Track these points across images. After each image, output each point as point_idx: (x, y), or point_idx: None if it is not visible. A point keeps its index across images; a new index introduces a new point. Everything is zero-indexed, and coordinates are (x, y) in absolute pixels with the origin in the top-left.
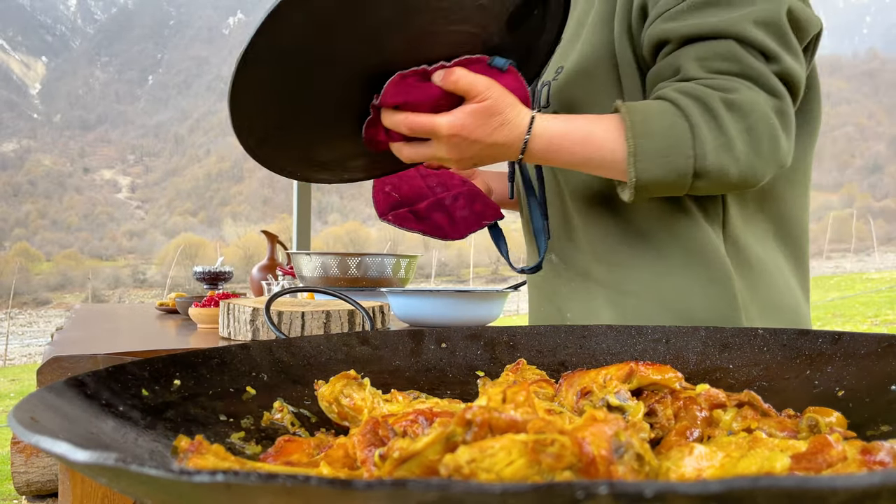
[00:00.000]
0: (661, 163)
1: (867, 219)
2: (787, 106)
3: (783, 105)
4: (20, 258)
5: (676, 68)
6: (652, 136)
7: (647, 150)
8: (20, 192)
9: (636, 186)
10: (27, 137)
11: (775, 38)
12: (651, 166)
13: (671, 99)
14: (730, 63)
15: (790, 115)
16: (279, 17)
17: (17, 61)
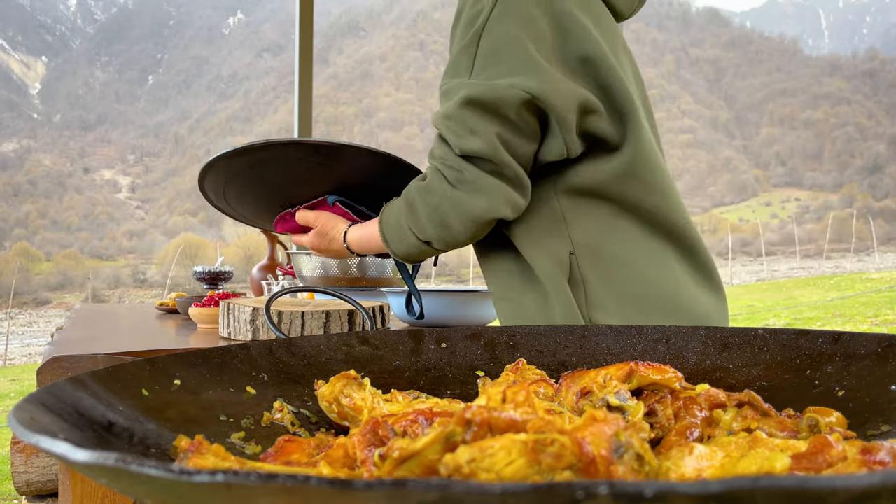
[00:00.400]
0: (400, 239)
1: (867, 219)
2: (471, 173)
3: (464, 175)
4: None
5: None
6: (389, 225)
7: (391, 236)
8: (20, 191)
9: (399, 255)
10: (27, 137)
11: (455, 125)
12: (398, 245)
13: (402, 195)
14: (433, 151)
15: (477, 179)
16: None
17: (16, 61)
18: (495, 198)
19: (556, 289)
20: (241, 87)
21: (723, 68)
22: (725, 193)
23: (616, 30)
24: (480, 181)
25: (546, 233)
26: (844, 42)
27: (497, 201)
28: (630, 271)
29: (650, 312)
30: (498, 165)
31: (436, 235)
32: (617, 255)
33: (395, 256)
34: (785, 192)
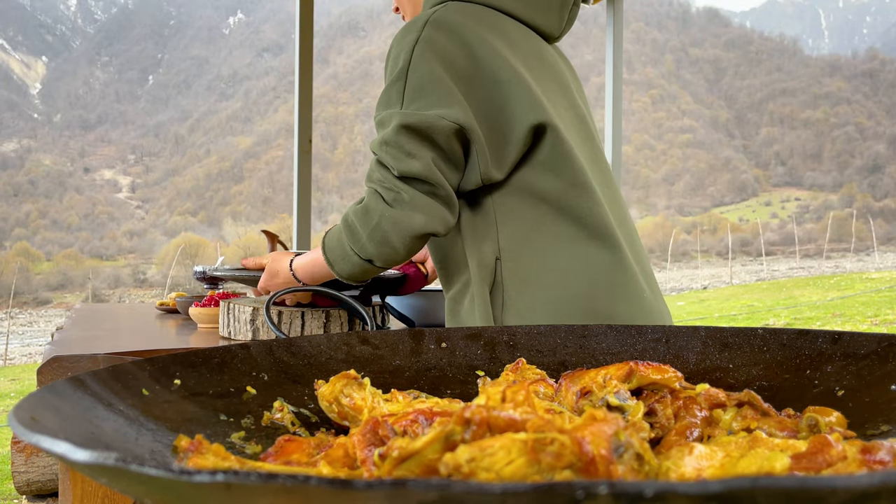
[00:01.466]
0: (343, 260)
1: (867, 218)
2: (409, 193)
3: (402, 195)
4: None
5: None
6: (331, 248)
7: (335, 258)
8: (20, 191)
9: (345, 278)
10: (27, 137)
11: (393, 150)
12: (342, 266)
13: (342, 217)
14: (370, 175)
15: (413, 199)
16: None
17: (17, 61)
18: (431, 215)
19: (479, 292)
20: (242, 86)
21: (723, 68)
22: (725, 193)
23: (540, 51)
24: (417, 200)
25: (480, 237)
26: (844, 42)
27: (432, 218)
28: (549, 277)
29: (563, 319)
30: (433, 186)
31: (376, 253)
32: (538, 260)
33: (340, 277)
34: (785, 191)
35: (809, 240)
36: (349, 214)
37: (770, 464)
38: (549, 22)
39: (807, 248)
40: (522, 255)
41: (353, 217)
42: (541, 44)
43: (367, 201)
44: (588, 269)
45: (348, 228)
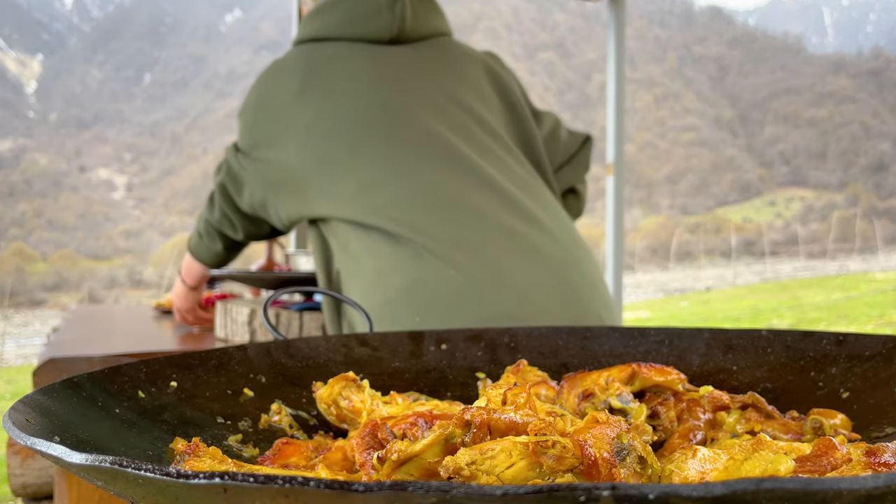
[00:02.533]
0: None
1: (872, 218)
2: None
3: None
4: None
5: None
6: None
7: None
8: (16, 191)
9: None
10: (23, 136)
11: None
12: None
13: None
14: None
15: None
16: None
17: (12, 59)
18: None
19: (326, 304)
20: (239, 84)
21: (726, 66)
22: (729, 192)
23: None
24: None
25: (322, 257)
26: (849, 40)
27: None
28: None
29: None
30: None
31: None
32: (351, 265)
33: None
34: (789, 191)
35: (814, 240)
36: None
37: (774, 466)
38: (380, 26)
39: (811, 248)
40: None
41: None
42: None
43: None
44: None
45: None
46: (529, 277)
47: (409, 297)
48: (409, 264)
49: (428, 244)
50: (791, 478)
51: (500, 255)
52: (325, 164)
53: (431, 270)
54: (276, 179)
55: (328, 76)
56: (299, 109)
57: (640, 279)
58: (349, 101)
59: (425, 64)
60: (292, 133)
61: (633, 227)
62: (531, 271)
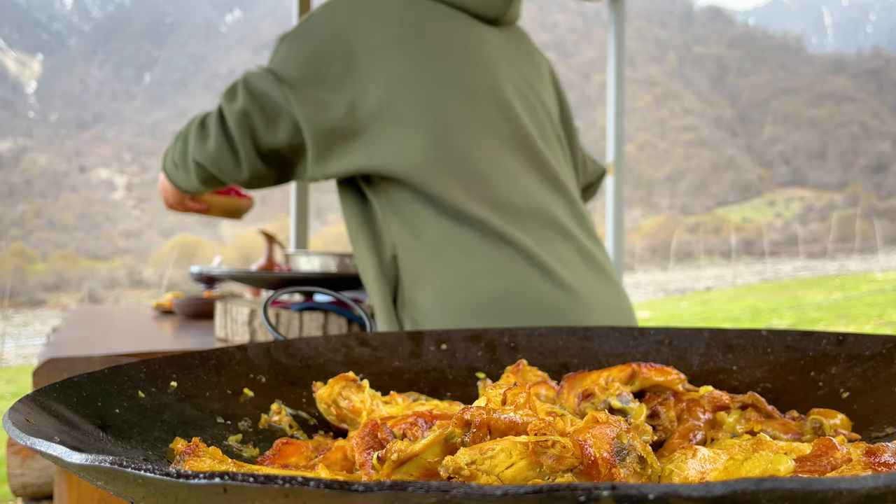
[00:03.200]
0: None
1: (871, 218)
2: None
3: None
4: (16, 258)
5: None
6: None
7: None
8: (16, 191)
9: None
10: (23, 136)
11: (226, 95)
12: (168, 164)
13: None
14: None
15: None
16: None
17: (12, 59)
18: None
19: (376, 292)
20: None
21: (726, 66)
22: (729, 192)
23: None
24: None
25: (370, 236)
26: (848, 40)
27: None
28: (438, 269)
29: (457, 311)
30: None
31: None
32: (426, 254)
33: (177, 186)
34: (789, 191)
35: (814, 240)
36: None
37: (774, 466)
38: (489, 4)
39: (811, 248)
40: (414, 250)
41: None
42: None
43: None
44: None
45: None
46: (603, 298)
47: (501, 306)
48: (505, 269)
49: (526, 251)
50: (791, 478)
51: (584, 275)
52: (417, 129)
53: (527, 280)
54: (336, 127)
55: (432, 35)
56: (394, 59)
57: (639, 279)
58: (454, 69)
59: (513, 52)
60: (377, 82)
61: (632, 227)
62: (604, 293)
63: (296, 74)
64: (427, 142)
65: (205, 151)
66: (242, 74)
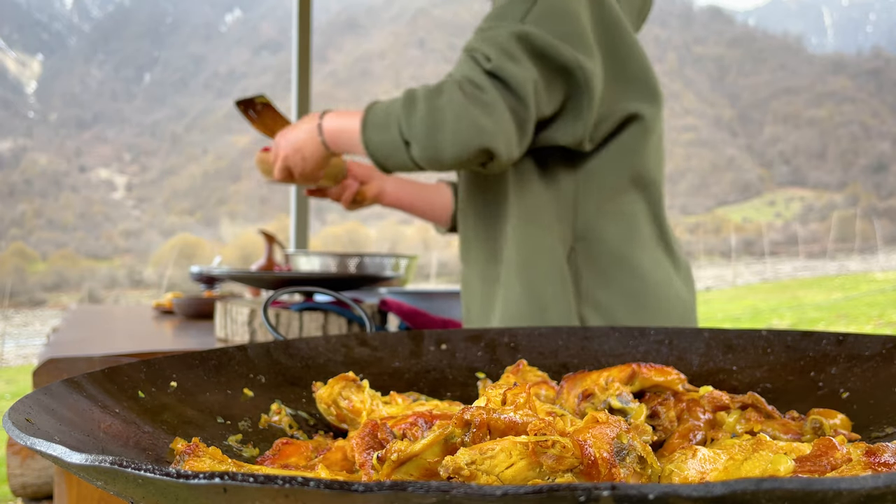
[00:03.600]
0: (380, 129)
1: (871, 218)
2: (491, 95)
3: (484, 95)
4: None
5: None
6: (377, 112)
7: (373, 121)
8: (16, 191)
9: (369, 150)
10: (23, 136)
11: (500, 48)
12: (375, 133)
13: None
14: (452, 73)
15: (494, 103)
16: None
17: (12, 59)
18: (500, 127)
19: (550, 281)
20: (239, 84)
21: (726, 66)
22: (729, 192)
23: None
24: (496, 105)
25: (553, 220)
26: (848, 40)
27: (499, 132)
28: (623, 265)
29: (640, 309)
30: (520, 102)
31: (421, 136)
32: (613, 248)
33: (364, 146)
34: (789, 191)
35: (814, 240)
36: (416, 89)
37: (774, 467)
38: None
39: (811, 248)
40: (600, 242)
41: (419, 91)
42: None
43: (443, 84)
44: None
45: (408, 99)
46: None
47: (690, 316)
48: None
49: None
50: (791, 478)
51: None
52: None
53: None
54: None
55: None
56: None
57: None
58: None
59: None
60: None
61: None
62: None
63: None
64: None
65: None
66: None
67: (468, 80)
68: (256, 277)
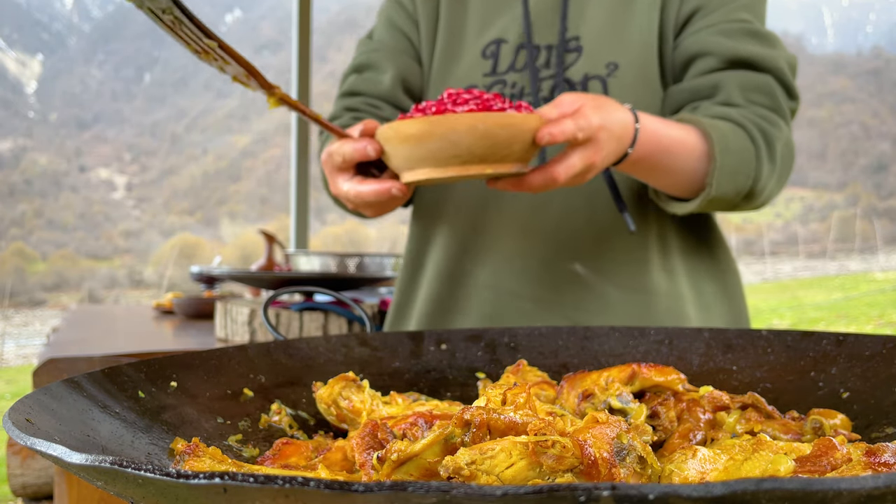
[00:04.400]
0: (731, 179)
1: (872, 218)
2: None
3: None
4: (16, 258)
5: (715, 88)
6: (730, 153)
7: (726, 167)
8: (16, 191)
9: (709, 199)
10: (23, 136)
11: (794, 80)
12: (724, 182)
13: (737, 121)
14: (766, 97)
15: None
16: None
17: (12, 59)
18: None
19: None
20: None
21: None
22: None
23: None
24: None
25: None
26: (849, 40)
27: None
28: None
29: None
30: None
31: (767, 193)
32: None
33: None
34: (789, 191)
35: (814, 240)
36: (765, 127)
37: (774, 467)
38: None
39: (811, 248)
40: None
41: (772, 133)
42: None
43: (781, 129)
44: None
45: (767, 143)
46: None
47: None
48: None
49: None
50: (791, 478)
51: None
52: None
53: None
54: None
55: None
56: None
57: None
58: None
59: None
60: None
61: None
62: None
63: None
64: None
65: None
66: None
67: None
68: (256, 277)
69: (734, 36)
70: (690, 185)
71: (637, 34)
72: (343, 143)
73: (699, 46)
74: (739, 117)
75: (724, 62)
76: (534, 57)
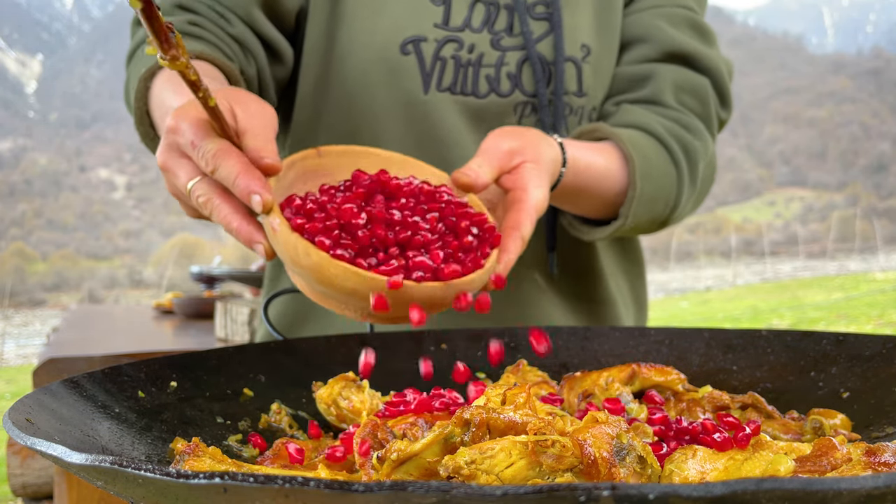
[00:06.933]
0: (649, 207)
1: (871, 218)
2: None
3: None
4: (16, 258)
5: (648, 80)
6: (651, 179)
7: (645, 194)
8: (16, 191)
9: (624, 228)
10: (23, 136)
11: (730, 86)
12: (641, 211)
13: (662, 139)
14: (698, 103)
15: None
16: None
17: (12, 59)
18: None
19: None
20: None
21: None
22: (729, 192)
23: None
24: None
25: None
26: (849, 40)
27: None
28: None
29: None
30: None
31: (686, 212)
32: None
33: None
34: (789, 191)
35: (814, 240)
36: (690, 146)
37: (774, 467)
38: None
39: (811, 248)
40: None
41: (698, 153)
42: None
43: (701, 139)
44: None
45: (689, 164)
46: None
47: None
48: None
49: None
50: (791, 478)
51: None
52: None
53: None
54: None
55: None
56: None
57: None
58: None
59: None
60: None
61: None
62: None
63: None
64: None
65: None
66: None
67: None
68: (256, 277)
69: (677, 24)
70: (608, 210)
71: (610, 11)
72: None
73: (641, 30)
74: (664, 132)
75: (662, 54)
76: (491, 17)
